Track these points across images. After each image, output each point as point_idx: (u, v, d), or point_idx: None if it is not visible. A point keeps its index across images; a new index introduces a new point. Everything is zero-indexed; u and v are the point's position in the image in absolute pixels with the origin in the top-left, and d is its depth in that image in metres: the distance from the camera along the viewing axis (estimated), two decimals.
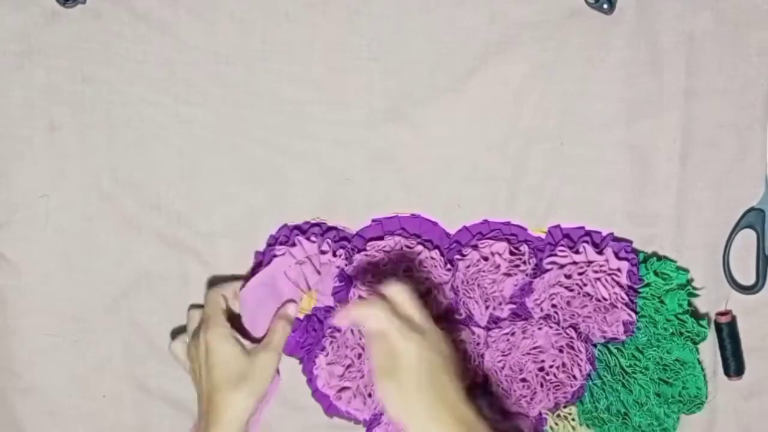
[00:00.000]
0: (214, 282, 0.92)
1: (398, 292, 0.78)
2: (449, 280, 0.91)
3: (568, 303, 0.89)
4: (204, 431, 0.82)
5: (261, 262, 0.91)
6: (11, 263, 0.93)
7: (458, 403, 0.74)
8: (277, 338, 0.86)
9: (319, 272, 0.90)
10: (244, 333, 0.87)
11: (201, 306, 0.89)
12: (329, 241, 0.90)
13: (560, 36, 0.90)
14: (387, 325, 0.75)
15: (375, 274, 0.90)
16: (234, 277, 0.92)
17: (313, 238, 0.90)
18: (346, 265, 0.90)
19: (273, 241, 0.92)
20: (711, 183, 0.91)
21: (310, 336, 0.92)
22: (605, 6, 0.89)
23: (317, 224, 0.92)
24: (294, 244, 0.90)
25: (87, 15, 0.90)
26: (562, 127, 0.91)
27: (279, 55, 0.91)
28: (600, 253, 0.90)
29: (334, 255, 0.90)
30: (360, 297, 0.88)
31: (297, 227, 0.92)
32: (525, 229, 0.92)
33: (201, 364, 0.84)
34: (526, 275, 0.90)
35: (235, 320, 0.87)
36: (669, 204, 0.91)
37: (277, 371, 0.89)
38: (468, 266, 0.90)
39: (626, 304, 0.89)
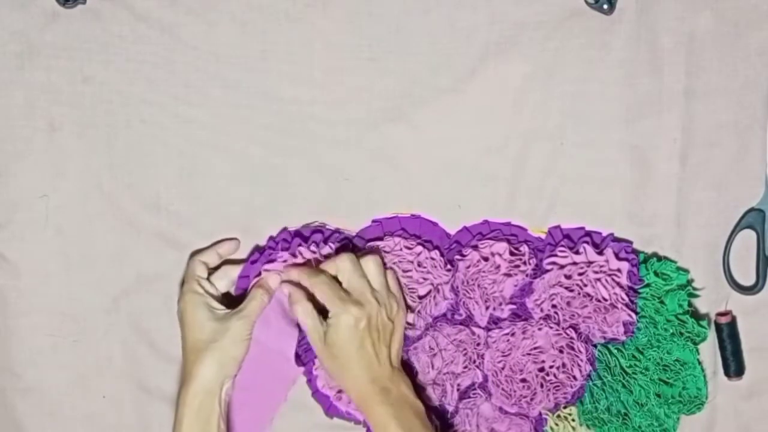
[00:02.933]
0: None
1: (343, 261, 0.86)
2: (449, 280, 0.91)
3: (569, 303, 0.89)
4: (181, 385, 0.85)
5: (257, 259, 0.91)
6: (11, 263, 0.93)
7: (381, 374, 0.85)
8: (251, 306, 0.87)
9: None
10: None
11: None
12: (331, 245, 0.90)
13: (560, 36, 0.90)
14: (354, 273, 0.85)
15: None
16: (216, 243, 0.92)
17: (312, 248, 0.90)
18: None
19: (273, 245, 0.92)
20: (711, 183, 0.91)
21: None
22: (605, 6, 0.89)
23: (319, 230, 0.91)
24: (294, 254, 0.90)
25: (87, 15, 0.90)
26: (562, 127, 0.91)
27: (279, 55, 0.91)
28: (600, 253, 0.90)
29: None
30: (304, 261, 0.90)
31: (298, 233, 0.91)
32: (525, 230, 0.92)
33: (180, 325, 0.87)
34: (527, 276, 0.90)
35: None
36: (669, 204, 0.91)
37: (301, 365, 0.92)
38: (468, 266, 0.90)
39: (626, 305, 0.89)
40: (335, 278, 0.87)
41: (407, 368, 0.91)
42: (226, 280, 0.90)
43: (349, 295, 0.85)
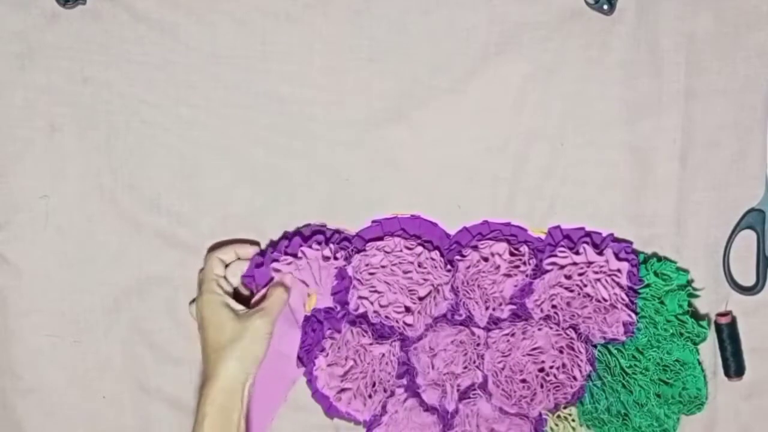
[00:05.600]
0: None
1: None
2: (449, 280, 0.91)
3: (568, 304, 0.89)
4: (203, 384, 0.85)
5: (262, 263, 0.91)
6: (11, 264, 0.93)
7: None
8: (271, 303, 0.87)
9: (317, 279, 0.91)
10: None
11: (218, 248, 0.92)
12: (332, 246, 0.90)
13: (560, 37, 0.90)
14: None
15: (374, 275, 0.90)
16: (234, 241, 0.92)
17: (315, 246, 0.90)
18: (345, 265, 0.90)
19: (273, 249, 0.91)
20: (711, 184, 0.91)
21: (309, 337, 0.92)
22: (605, 7, 0.89)
23: (320, 231, 0.91)
24: (296, 255, 0.90)
25: (87, 16, 0.90)
26: (562, 128, 0.91)
27: (279, 56, 0.91)
28: (600, 253, 0.90)
29: (335, 258, 0.90)
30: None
31: (299, 233, 0.92)
32: (525, 230, 0.92)
33: (199, 325, 0.87)
34: (526, 276, 0.90)
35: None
36: (669, 205, 0.91)
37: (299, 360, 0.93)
38: (468, 267, 0.90)
39: (626, 305, 0.89)
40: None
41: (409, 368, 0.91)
42: (238, 276, 0.90)
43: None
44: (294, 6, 0.90)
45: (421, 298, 0.91)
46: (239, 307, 0.87)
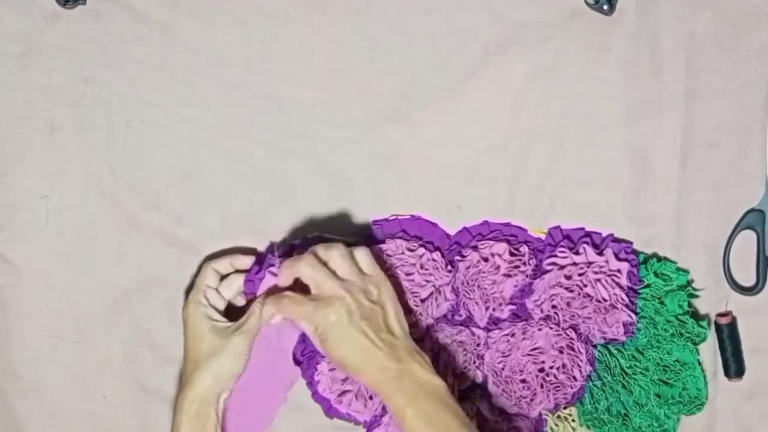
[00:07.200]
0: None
1: (302, 268, 0.83)
2: (450, 281, 0.91)
3: (568, 304, 0.89)
4: (179, 392, 0.86)
5: (260, 270, 0.90)
6: (11, 264, 0.93)
7: (388, 362, 0.81)
8: (251, 322, 0.86)
9: None
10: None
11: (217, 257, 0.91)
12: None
13: (560, 37, 0.90)
14: (316, 275, 0.83)
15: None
16: (232, 251, 0.92)
17: None
18: None
19: (272, 257, 0.91)
20: (711, 184, 0.91)
21: (310, 343, 0.91)
22: (605, 7, 0.89)
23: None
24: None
25: (87, 16, 0.90)
26: (562, 128, 0.91)
27: (279, 56, 0.91)
28: (600, 254, 0.90)
29: None
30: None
31: (294, 247, 0.91)
32: (525, 230, 0.92)
33: (183, 331, 0.88)
34: (526, 276, 0.90)
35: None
36: (669, 205, 0.91)
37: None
38: (468, 267, 0.90)
39: (626, 305, 0.89)
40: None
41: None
42: (232, 290, 0.90)
43: (319, 298, 0.82)
44: (294, 6, 0.90)
45: (422, 300, 0.91)
46: (221, 320, 0.87)
